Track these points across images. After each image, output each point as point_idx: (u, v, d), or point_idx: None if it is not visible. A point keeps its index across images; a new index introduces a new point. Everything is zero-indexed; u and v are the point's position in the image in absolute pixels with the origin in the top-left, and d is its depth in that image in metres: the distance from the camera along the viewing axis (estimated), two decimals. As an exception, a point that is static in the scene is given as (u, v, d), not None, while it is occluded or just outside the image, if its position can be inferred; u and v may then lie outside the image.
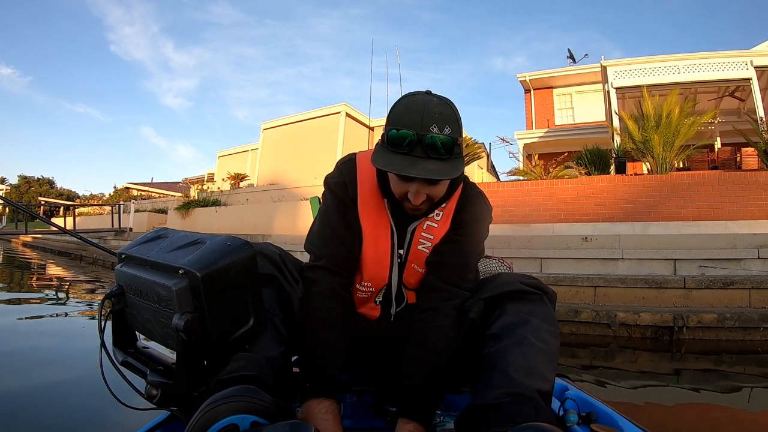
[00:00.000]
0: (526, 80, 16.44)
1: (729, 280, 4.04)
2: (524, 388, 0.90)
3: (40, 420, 1.91)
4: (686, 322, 3.61)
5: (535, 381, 0.92)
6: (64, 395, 2.20)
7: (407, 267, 1.18)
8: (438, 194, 1.08)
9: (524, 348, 0.95)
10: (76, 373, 2.52)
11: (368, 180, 1.17)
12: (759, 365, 3.21)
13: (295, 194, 12.04)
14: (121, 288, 0.95)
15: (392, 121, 0.99)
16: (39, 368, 2.60)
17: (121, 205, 16.11)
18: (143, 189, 28.06)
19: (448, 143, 0.96)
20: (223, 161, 20.46)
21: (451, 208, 1.17)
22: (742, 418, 2.24)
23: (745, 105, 10.38)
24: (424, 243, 1.16)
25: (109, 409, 1.91)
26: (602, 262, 4.96)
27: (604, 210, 6.54)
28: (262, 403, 0.79)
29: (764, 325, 3.52)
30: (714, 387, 2.70)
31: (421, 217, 1.15)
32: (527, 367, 0.93)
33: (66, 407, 2.06)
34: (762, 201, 6.02)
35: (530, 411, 0.86)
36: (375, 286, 1.20)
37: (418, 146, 0.96)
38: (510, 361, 0.94)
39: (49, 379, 2.43)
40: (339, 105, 14.54)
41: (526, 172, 8.10)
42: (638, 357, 3.46)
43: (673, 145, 6.90)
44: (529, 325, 0.99)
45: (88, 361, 2.64)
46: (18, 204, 2.15)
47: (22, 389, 2.26)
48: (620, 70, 9.94)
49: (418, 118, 0.96)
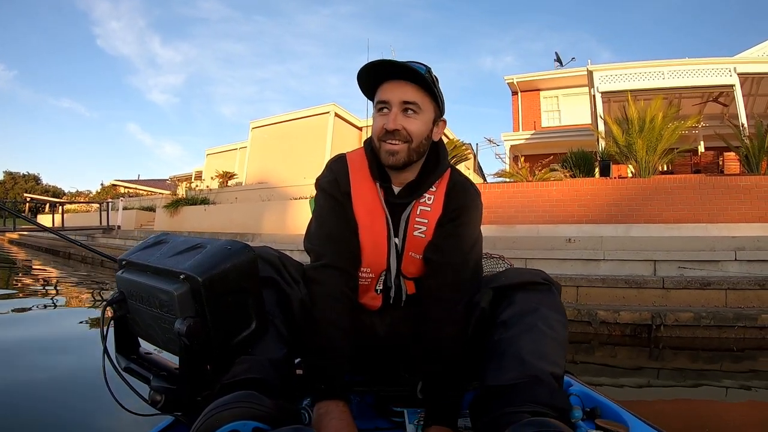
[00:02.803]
0: (513, 82, 16.61)
1: (706, 281, 4.17)
2: (538, 371, 0.91)
3: (44, 427, 1.90)
4: (664, 320, 3.73)
5: (548, 365, 0.93)
6: (68, 401, 2.19)
7: (405, 255, 1.20)
8: (413, 129, 1.12)
9: (535, 334, 0.97)
10: (79, 379, 2.50)
11: (360, 171, 1.20)
12: (734, 361, 3.35)
13: (284, 194, 12.05)
14: (122, 294, 0.95)
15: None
16: (41, 375, 2.58)
17: (110, 203, 15.96)
18: (130, 186, 27.77)
19: (422, 69, 1.10)
20: (211, 159, 20.39)
21: (441, 190, 1.20)
22: (723, 411, 2.35)
23: (728, 110, 10.57)
24: (420, 228, 1.18)
25: (113, 416, 1.91)
26: (585, 263, 5.07)
27: (588, 212, 6.66)
28: (263, 408, 0.79)
29: (739, 324, 3.65)
30: (691, 382, 2.82)
31: (407, 197, 1.18)
32: (539, 352, 0.94)
33: (70, 414, 2.05)
34: (741, 205, 6.17)
35: (545, 393, 0.88)
36: (374, 272, 1.21)
37: (392, 63, 1.09)
38: (522, 346, 0.95)
39: (52, 385, 2.41)
40: (328, 105, 14.59)
41: (513, 174, 8.18)
42: (617, 353, 3.59)
43: (656, 150, 7.03)
44: (538, 313, 1.00)
45: (91, 367, 2.61)
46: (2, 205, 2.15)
47: (25, 395, 2.24)
48: (606, 74, 10.08)
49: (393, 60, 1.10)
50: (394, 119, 1.10)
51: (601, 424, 0.98)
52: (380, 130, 1.13)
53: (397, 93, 1.11)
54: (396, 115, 1.10)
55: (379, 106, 1.14)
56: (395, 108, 1.11)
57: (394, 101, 1.11)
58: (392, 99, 1.11)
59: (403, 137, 1.11)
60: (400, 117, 1.11)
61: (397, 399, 1.21)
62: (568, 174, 7.69)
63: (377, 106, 1.14)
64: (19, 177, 48.70)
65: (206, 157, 20.85)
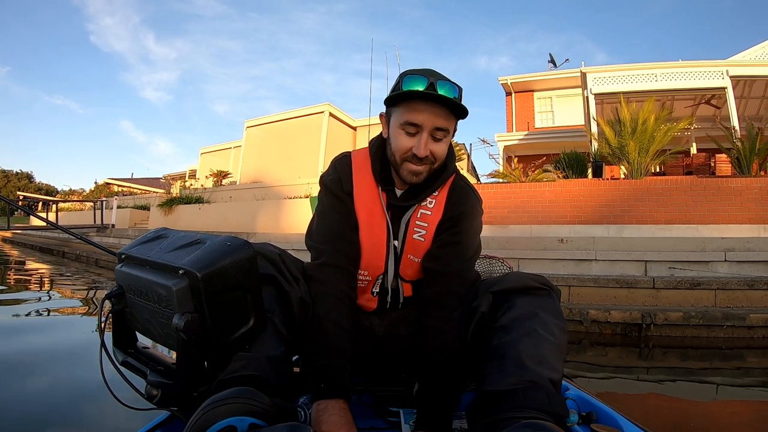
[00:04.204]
0: (507, 83, 16.68)
1: (696, 281, 4.22)
2: (536, 376, 0.91)
3: (40, 420, 1.90)
4: (654, 319, 3.78)
5: (546, 370, 0.93)
6: (64, 395, 2.19)
7: (403, 258, 1.20)
8: (440, 153, 1.10)
9: (534, 339, 0.97)
10: (75, 373, 2.50)
11: (363, 171, 1.20)
12: (723, 360, 3.39)
13: (279, 193, 12.04)
14: (121, 288, 0.94)
15: (402, 77, 1.07)
16: (38, 368, 2.58)
17: (104, 202, 15.86)
18: (124, 185, 27.58)
19: (456, 90, 1.05)
20: (205, 158, 20.31)
21: (443, 195, 1.19)
22: (711, 410, 2.38)
23: (720, 113, 10.65)
24: (419, 231, 1.18)
25: (109, 410, 1.91)
26: (577, 263, 5.12)
27: (580, 213, 6.72)
28: (260, 404, 0.80)
29: (728, 323, 3.70)
30: (680, 380, 2.86)
31: (409, 200, 1.17)
32: (538, 356, 0.94)
33: (66, 407, 2.05)
34: (732, 206, 6.25)
35: (543, 398, 0.88)
36: (371, 275, 1.21)
37: (431, 88, 1.03)
38: (521, 350, 0.95)
39: (48, 379, 2.42)
40: (323, 105, 14.59)
41: (506, 175, 8.23)
42: (608, 352, 3.64)
43: (648, 151, 7.10)
44: (537, 318, 1.00)
45: (87, 361, 2.64)
46: (13, 202, 2.15)
47: (21, 389, 2.25)
48: (599, 76, 10.14)
49: (428, 73, 1.05)
50: (425, 145, 1.07)
51: (596, 428, 0.99)
52: (407, 151, 1.09)
53: (432, 119, 1.06)
54: (426, 141, 1.07)
55: (407, 127, 1.08)
56: (425, 133, 1.07)
57: (426, 126, 1.06)
58: (426, 124, 1.06)
59: (429, 161, 1.10)
60: (430, 142, 1.08)
61: (393, 399, 1.22)
62: (561, 175, 7.74)
63: (405, 126, 1.08)
64: (11, 175, 48.35)
65: (200, 156, 20.77)
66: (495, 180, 8.72)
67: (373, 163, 1.19)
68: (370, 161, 1.20)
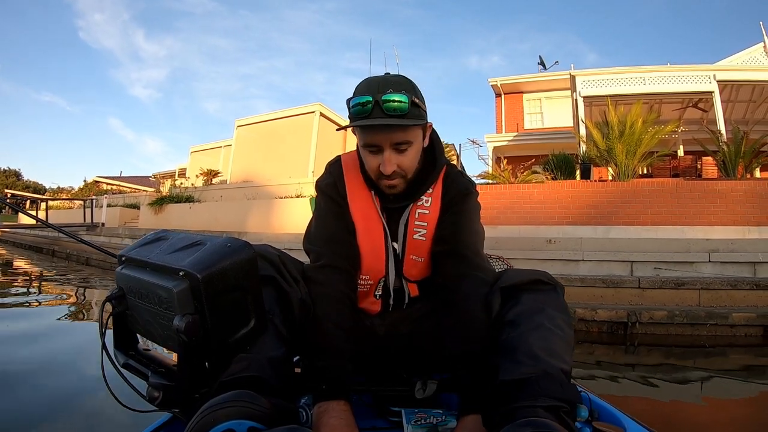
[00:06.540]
0: (497, 84, 16.76)
1: (681, 281, 4.31)
2: (548, 366, 0.91)
3: (41, 422, 1.90)
4: (639, 318, 3.87)
5: (557, 361, 0.93)
6: (65, 398, 2.17)
7: (406, 259, 1.20)
8: (407, 164, 1.10)
9: (543, 332, 0.96)
10: (76, 375, 2.50)
11: (354, 176, 1.20)
12: (705, 357, 3.49)
13: (269, 192, 12.01)
14: (121, 290, 0.94)
15: (353, 96, 1.06)
16: (40, 371, 2.56)
17: (93, 200, 15.69)
18: (113, 183, 27.29)
19: (405, 101, 1.02)
20: (195, 157, 20.17)
21: (438, 191, 1.20)
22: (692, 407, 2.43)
23: (707, 116, 10.78)
24: (420, 231, 1.18)
25: (110, 412, 1.91)
26: (565, 263, 5.20)
27: (569, 214, 6.81)
28: (259, 408, 0.79)
29: (711, 322, 3.79)
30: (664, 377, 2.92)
31: (403, 201, 1.18)
32: (548, 349, 0.94)
33: (67, 409, 2.04)
34: (717, 209, 6.36)
35: (556, 387, 0.88)
36: (373, 279, 1.21)
37: (377, 108, 1.02)
38: (531, 343, 0.94)
39: (49, 381, 2.40)
40: (313, 104, 14.57)
41: (495, 176, 8.29)
42: (595, 349, 3.72)
43: (636, 154, 7.19)
44: (544, 313, 1.00)
45: (88, 363, 2.63)
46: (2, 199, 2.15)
47: (23, 392, 2.23)
48: (588, 79, 10.23)
49: (375, 87, 1.04)
50: (389, 162, 1.07)
51: (598, 426, 0.99)
52: (375, 170, 1.10)
53: (387, 137, 1.06)
54: (390, 158, 1.07)
55: (369, 147, 1.09)
56: (387, 151, 1.07)
57: (384, 145, 1.07)
58: (383, 143, 1.07)
59: (399, 174, 1.11)
60: (394, 157, 1.08)
61: (395, 399, 1.21)
62: (549, 176, 7.83)
63: (366, 147, 1.10)
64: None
65: (190, 155, 20.62)
66: (484, 181, 8.78)
67: (362, 167, 1.19)
68: (359, 165, 1.20)
